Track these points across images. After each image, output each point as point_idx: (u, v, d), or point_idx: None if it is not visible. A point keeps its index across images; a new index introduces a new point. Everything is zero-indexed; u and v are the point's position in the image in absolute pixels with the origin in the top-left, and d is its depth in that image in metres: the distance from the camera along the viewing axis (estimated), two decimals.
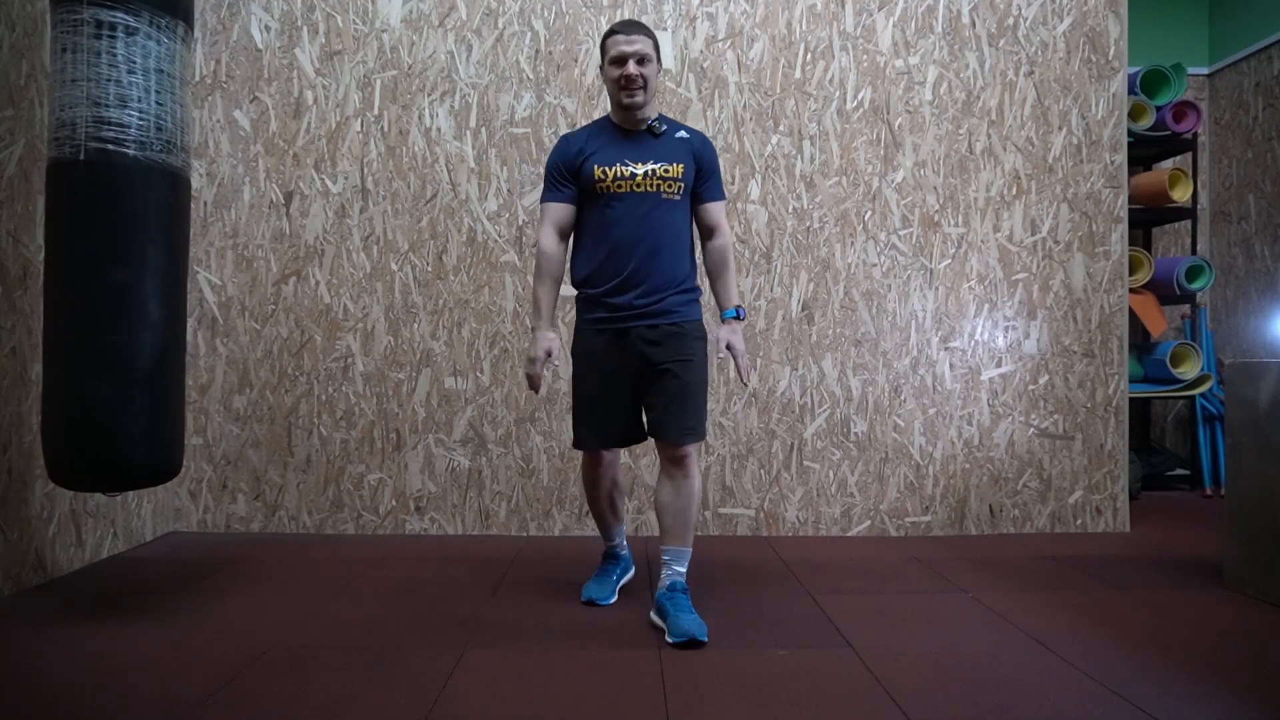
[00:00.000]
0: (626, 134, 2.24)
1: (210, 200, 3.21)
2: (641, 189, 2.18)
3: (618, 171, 2.17)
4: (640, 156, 2.19)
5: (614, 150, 2.20)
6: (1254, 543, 2.43)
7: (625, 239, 2.17)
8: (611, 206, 2.18)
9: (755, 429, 3.23)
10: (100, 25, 2.00)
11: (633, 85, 2.16)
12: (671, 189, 2.20)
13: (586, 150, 2.21)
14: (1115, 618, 2.23)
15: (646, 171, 2.18)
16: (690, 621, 2.04)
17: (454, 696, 1.72)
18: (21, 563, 2.42)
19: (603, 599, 2.34)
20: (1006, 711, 1.65)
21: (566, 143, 2.27)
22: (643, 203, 2.18)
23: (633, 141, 2.22)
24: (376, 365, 3.21)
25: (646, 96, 2.20)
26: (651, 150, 2.21)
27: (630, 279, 2.18)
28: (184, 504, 3.21)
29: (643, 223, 2.17)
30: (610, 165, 2.18)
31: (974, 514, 3.27)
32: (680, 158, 2.22)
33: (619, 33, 2.18)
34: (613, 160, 2.18)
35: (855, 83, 3.25)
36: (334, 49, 3.22)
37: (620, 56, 2.16)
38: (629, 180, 2.17)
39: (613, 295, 2.19)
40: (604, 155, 2.20)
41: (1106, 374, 3.30)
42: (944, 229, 3.26)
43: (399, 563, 2.79)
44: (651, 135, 2.23)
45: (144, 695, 1.71)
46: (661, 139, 2.23)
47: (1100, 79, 3.29)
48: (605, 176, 2.17)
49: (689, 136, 2.28)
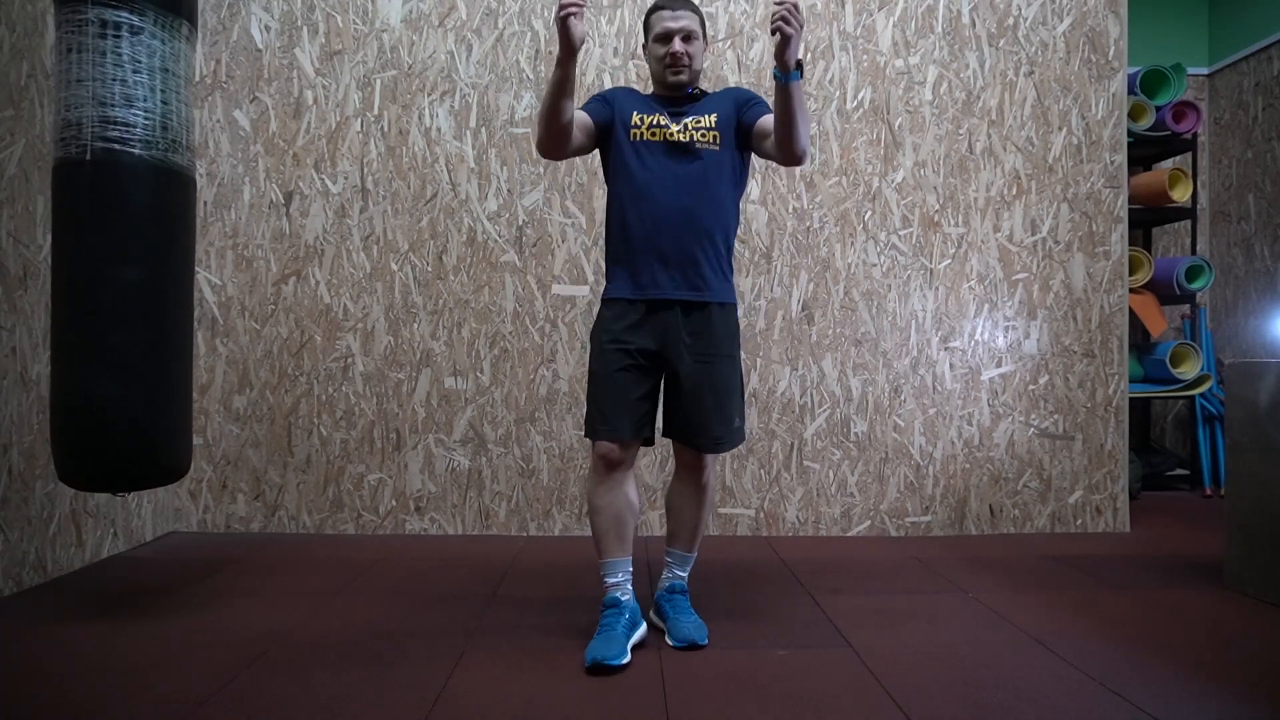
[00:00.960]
0: (667, 100, 2.12)
1: (210, 200, 3.21)
2: (674, 138, 2.04)
3: (655, 119, 2.05)
4: (677, 114, 2.08)
5: (652, 107, 2.10)
6: (1254, 543, 2.43)
7: (661, 196, 2.01)
8: (646, 161, 2.03)
9: (755, 429, 3.23)
10: (105, 25, 2.00)
11: (679, 63, 2.05)
12: (706, 138, 2.04)
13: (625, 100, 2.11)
14: (1115, 618, 2.23)
15: (684, 125, 2.05)
16: (691, 625, 2.02)
17: (454, 696, 1.72)
18: (21, 563, 2.42)
19: (613, 658, 1.84)
20: (1006, 711, 1.65)
21: (617, 88, 2.20)
22: (677, 151, 2.03)
23: (672, 102, 2.11)
24: (376, 365, 3.21)
25: (690, 75, 2.08)
26: (690, 109, 2.10)
27: (666, 243, 2.00)
28: (184, 504, 3.21)
29: (680, 177, 2.02)
30: (646, 114, 2.06)
31: (974, 514, 3.27)
32: (717, 107, 2.09)
33: (664, 7, 2.07)
34: (650, 111, 2.08)
35: (855, 83, 3.25)
36: (334, 49, 3.22)
37: (666, 33, 2.05)
38: (663, 129, 2.04)
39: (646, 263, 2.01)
40: (642, 107, 2.09)
41: (1106, 374, 3.30)
42: (944, 229, 3.26)
43: (399, 563, 2.79)
44: (692, 100, 2.12)
45: (144, 695, 1.71)
46: (700, 100, 2.12)
47: (1100, 79, 3.29)
48: (641, 123, 2.05)
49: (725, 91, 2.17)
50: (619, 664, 1.84)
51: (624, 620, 1.96)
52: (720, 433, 2.04)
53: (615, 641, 1.89)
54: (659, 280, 2.01)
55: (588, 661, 1.84)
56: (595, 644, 1.90)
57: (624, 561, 2.03)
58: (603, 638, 1.91)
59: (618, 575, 2.02)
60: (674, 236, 2.00)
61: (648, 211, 2.01)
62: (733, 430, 2.08)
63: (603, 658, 1.83)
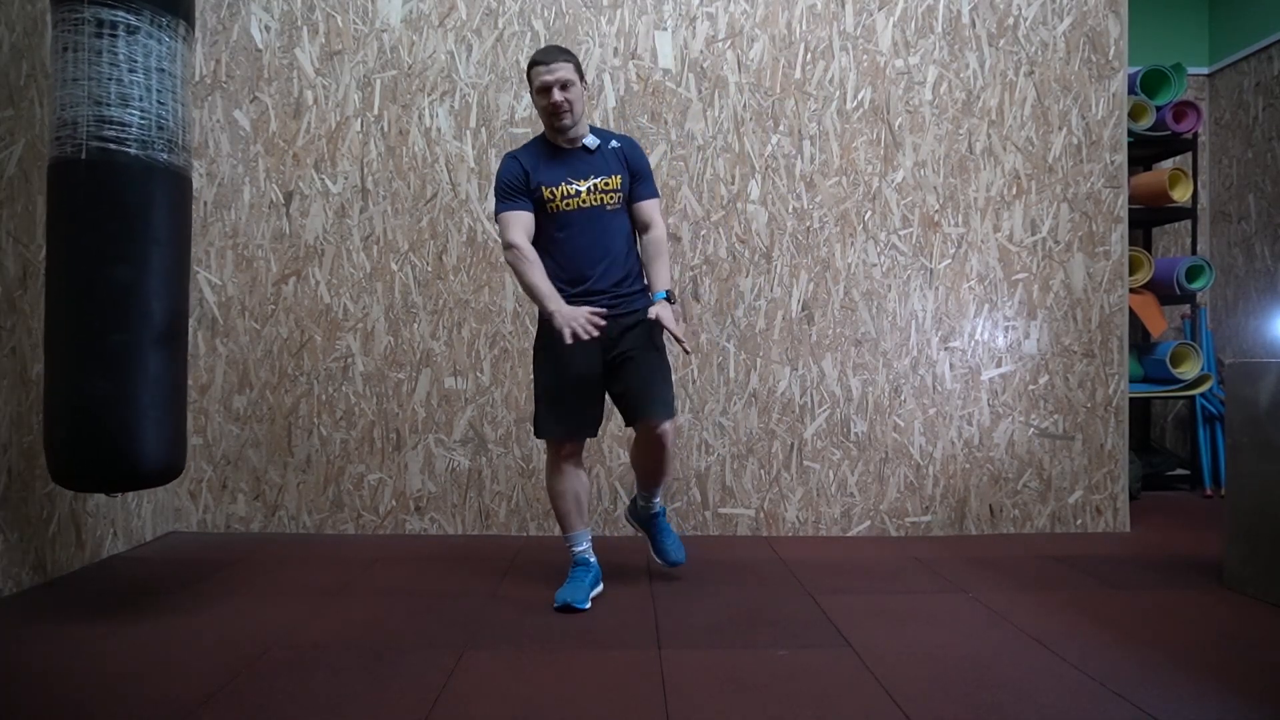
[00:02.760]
0: (564, 151, 2.39)
1: (210, 200, 3.21)
2: (587, 204, 2.35)
3: (565, 190, 2.34)
4: (581, 173, 2.36)
5: (556, 169, 2.36)
6: (1254, 543, 2.43)
7: (582, 250, 2.36)
8: (562, 223, 2.36)
9: (755, 429, 3.23)
10: (101, 24, 2.00)
11: (560, 111, 2.31)
12: (613, 200, 2.39)
13: (530, 169, 2.36)
14: (1115, 618, 2.23)
15: (589, 187, 2.36)
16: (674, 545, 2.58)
17: (454, 696, 1.72)
18: (21, 563, 2.42)
19: (579, 601, 2.28)
20: (1006, 711, 1.65)
21: (514, 161, 2.39)
22: (591, 216, 2.36)
23: (571, 159, 2.38)
24: (376, 365, 3.21)
25: (574, 118, 2.34)
26: (590, 165, 2.38)
27: (594, 284, 2.36)
28: (184, 504, 3.21)
29: (595, 233, 2.36)
30: (556, 185, 2.34)
31: (974, 514, 3.27)
32: (615, 169, 2.40)
33: (539, 63, 2.32)
34: (557, 180, 2.35)
35: (855, 83, 3.25)
36: (334, 49, 3.22)
37: (544, 86, 2.30)
38: (575, 198, 2.35)
39: (579, 298, 2.33)
40: (548, 174, 2.35)
41: (1106, 374, 3.30)
42: (944, 229, 3.26)
43: (399, 563, 2.79)
44: (586, 151, 2.39)
45: (144, 695, 1.71)
46: (596, 153, 2.40)
47: (1100, 79, 3.29)
48: (554, 196, 2.34)
49: (619, 145, 2.44)
50: (583, 607, 2.28)
51: (590, 576, 2.39)
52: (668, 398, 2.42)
53: (582, 590, 2.32)
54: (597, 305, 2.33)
55: (558, 602, 2.27)
56: (566, 589, 2.32)
57: (587, 531, 2.46)
58: (572, 585, 2.34)
59: (583, 544, 2.44)
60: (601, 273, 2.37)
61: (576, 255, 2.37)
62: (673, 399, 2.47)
63: (572, 600, 2.27)
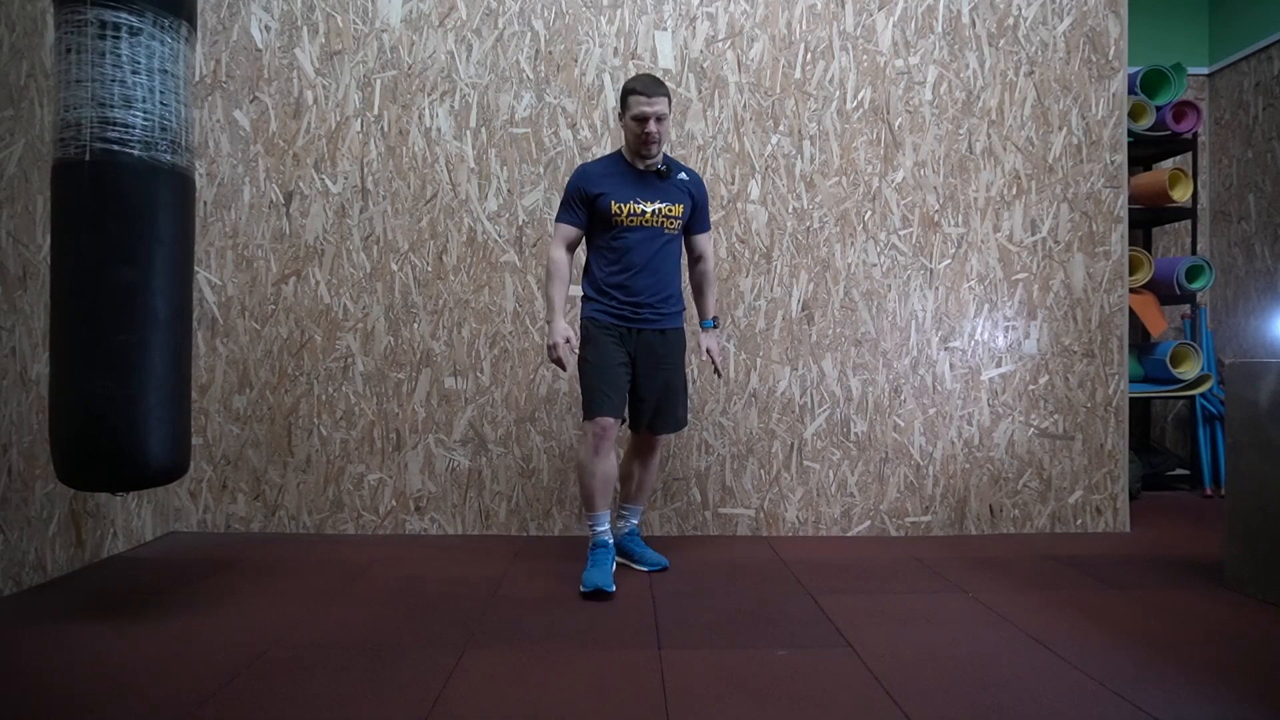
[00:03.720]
0: (639, 173, 2.59)
1: (210, 200, 3.21)
2: (650, 224, 2.57)
3: (631, 208, 2.55)
4: (650, 196, 2.58)
5: (628, 188, 2.57)
6: (1254, 543, 2.43)
7: (637, 262, 2.57)
8: (625, 236, 2.57)
9: (755, 429, 3.23)
10: (104, 26, 2.00)
11: (650, 142, 2.52)
12: (673, 226, 2.62)
13: (603, 186, 2.55)
14: (1115, 618, 2.23)
15: (655, 210, 2.57)
16: (654, 554, 2.72)
17: (454, 696, 1.72)
18: (21, 563, 2.42)
19: (609, 586, 2.42)
20: (1006, 711, 1.65)
21: (584, 175, 2.60)
22: (650, 234, 2.58)
23: (644, 181, 2.59)
24: (376, 365, 3.21)
25: (660, 149, 2.57)
26: (659, 191, 2.59)
27: (642, 294, 2.58)
28: (184, 504, 3.21)
29: (651, 251, 2.58)
30: (625, 202, 2.55)
31: (974, 514, 3.27)
32: (681, 199, 2.62)
33: (640, 93, 2.48)
34: (627, 197, 2.56)
35: (855, 83, 3.25)
36: (334, 49, 3.22)
37: (641, 116, 2.49)
38: (640, 216, 2.56)
39: (624, 308, 2.57)
40: (620, 192, 2.56)
41: (1106, 374, 3.30)
42: (944, 229, 3.26)
43: (399, 563, 2.79)
44: (659, 178, 2.60)
45: (144, 695, 1.71)
46: (667, 180, 2.61)
47: (1100, 79, 3.29)
48: (621, 211, 2.54)
49: (688, 179, 2.66)
50: (612, 590, 2.42)
51: (610, 556, 2.55)
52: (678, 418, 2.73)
53: (606, 573, 2.46)
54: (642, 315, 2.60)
55: (588, 587, 2.40)
56: (593, 574, 2.44)
57: (608, 512, 2.62)
58: (599, 570, 2.47)
59: (605, 524, 2.60)
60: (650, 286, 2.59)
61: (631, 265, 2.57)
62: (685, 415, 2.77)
63: (602, 584, 2.40)
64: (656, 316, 2.62)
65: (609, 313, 2.58)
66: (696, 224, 2.71)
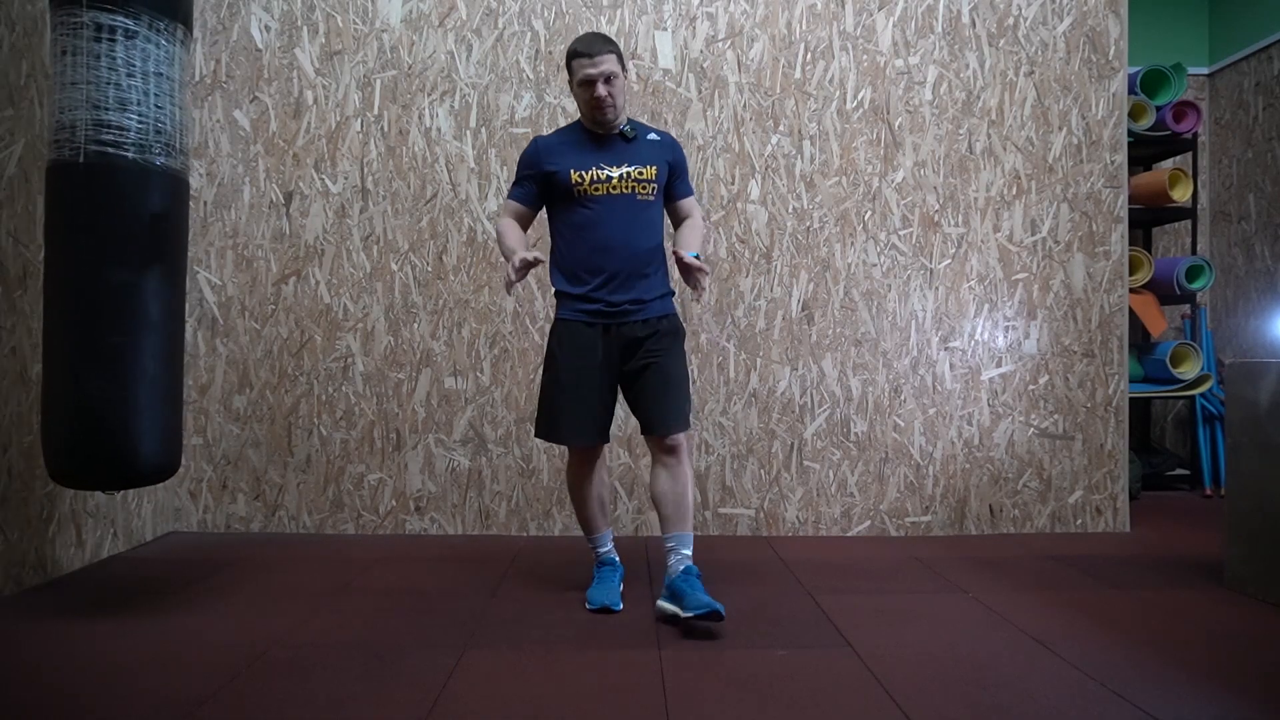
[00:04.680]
0: (600, 138, 2.30)
1: (210, 200, 3.21)
2: (618, 191, 2.25)
3: (595, 175, 2.24)
4: (614, 160, 2.26)
5: (589, 154, 2.27)
6: (1254, 543, 2.43)
7: (607, 239, 2.24)
8: (590, 208, 2.25)
9: (755, 429, 3.23)
10: (100, 28, 2.00)
11: (604, 105, 2.22)
12: (646, 190, 2.28)
13: (560, 157, 2.27)
14: (1115, 618, 2.23)
15: (622, 174, 2.25)
16: (707, 597, 2.09)
17: (454, 696, 1.72)
18: (21, 563, 2.42)
19: (615, 604, 2.28)
20: (1006, 711, 1.65)
21: (537, 148, 2.32)
22: (620, 204, 2.25)
23: (606, 146, 2.29)
24: (376, 365, 3.21)
25: (616, 112, 2.26)
26: (625, 153, 2.28)
27: (614, 277, 2.24)
28: (184, 504, 3.21)
29: (622, 224, 2.25)
30: (586, 169, 2.24)
31: (974, 514, 3.27)
32: (653, 160, 2.30)
33: (582, 54, 2.21)
34: (588, 164, 2.25)
35: (855, 83, 3.25)
36: (334, 49, 3.22)
37: (587, 80, 2.21)
38: (605, 183, 2.24)
39: (598, 292, 2.25)
40: (579, 159, 2.26)
41: (1106, 374, 3.30)
42: (944, 229, 3.26)
43: (399, 563, 2.79)
44: (624, 140, 2.30)
45: (144, 694, 1.71)
46: (634, 142, 2.30)
47: (1100, 79, 3.29)
48: (583, 180, 2.23)
49: (659, 139, 2.35)
50: (618, 608, 2.27)
51: (617, 575, 2.41)
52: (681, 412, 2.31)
53: (614, 591, 2.32)
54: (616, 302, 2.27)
55: (594, 605, 2.25)
56: (598, 591, 2.30)
57: (609, 532, 2.48)
58: (604, 587, 2.33)
59: (608, 544, 2.46)
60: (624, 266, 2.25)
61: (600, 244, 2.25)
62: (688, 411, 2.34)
63: (609, 602, 2.26)
64: (636, 306, 2.26)
65: (582, 310, 2.26)
66: (678, 188, 2.39)
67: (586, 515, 2.41)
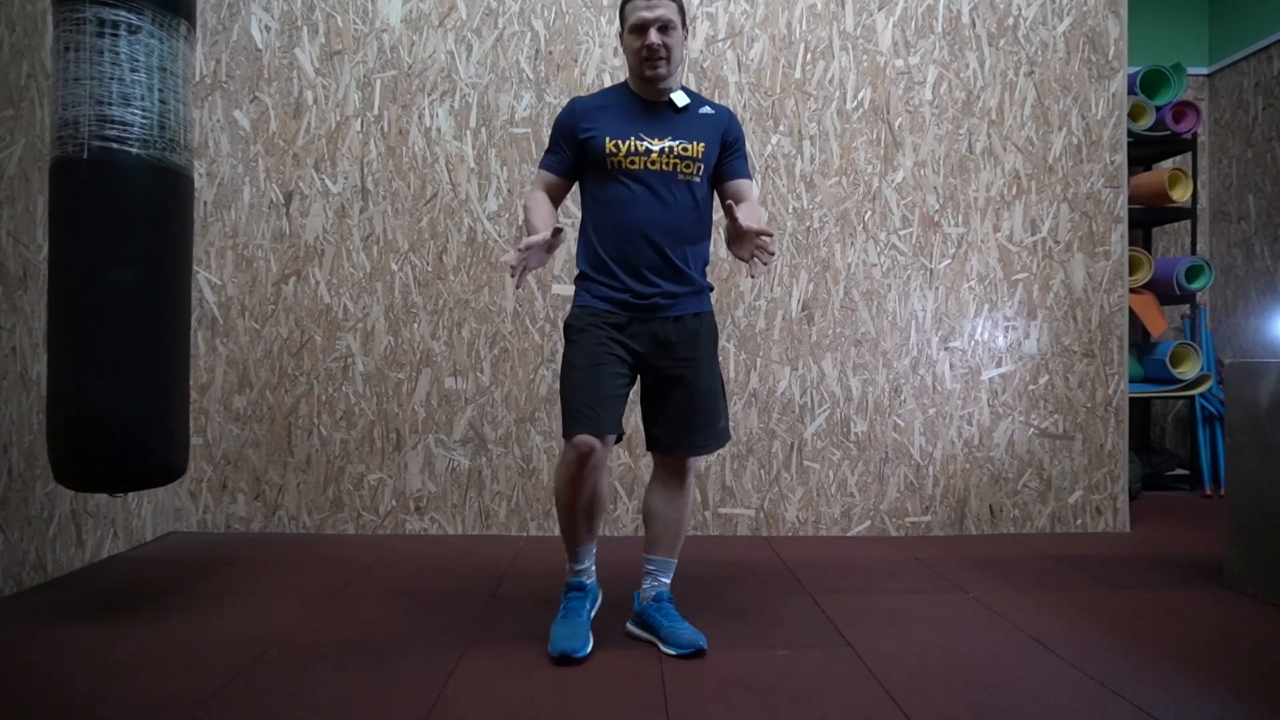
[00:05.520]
0: (646, 105, 2.02)
1: (210, 200, 3.21)
2: (656, 167, 1.97)
3: (631, 146, 1.96)
4: (658, 131, 1.99)
5: (629, 122, 1.99)
6: (1254, 543, 2.43)
7: (639, 221, 1.96)
8: (624, 185, 1.97)
9: (755, 429, 3.23)
10: (103, 24, 2.00)
11: (655, 56, 1.94)
12: (689, 170, 2.00)
13: (597, 121, 1.99)
14: (1115, 618, 2.23)
15: (663, 149, 1.97)
16: (689, 630, 1.97)
17: (454, 696, 1.72)
18: (21, 563, 2.42)
19: (580, 649, 1.90)
20: (1006, 711, 1.65)
21: (574, 109, 2.05)
22: (658, 182, 1.97)
23: (652, 115, 2.01)
24: (376, 365, 3.21)
25: (670, 68, 1.98)
26: (671, 125, 2.00)
27: (645, 265, 1.97)
28: (184, 504, 3.21)
29: (657, 204, 1.97)
30: (624, 139, 1.97)
31: (974, 514, 3.27)
32: (701, 136, 2.01)
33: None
34: (627, 133, 1.97)
35: (855, 83, 3.25)
36: (334, 49, 3.22)
37: (640, 24, 1.94)
38: (643, 157, 1.96)
39: (625, 280, 1.98)
40: (618, 127, 1.98)
41: (1106, 374, 3.30)
42: (944, 229, 3.26)
43: (399, 563, 2.79)
44: (673, 109, 2.02)
45: (144, 695, 1.71)
46: (684, 114, 2.03)
47: (1100, 79, 3.29)
48: (617, 150, 1.96)
49: (714, 113, 2.07)
50: (584, 655, 1.90)
51: (587, 604, 2.07)
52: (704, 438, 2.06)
53: (582, 630, 1.97)
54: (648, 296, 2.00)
55: (555, 652, 1.88)
56: (563, 631, 1.94)
57: (592, 547, 2.13)
58: (571, 625, 1.97)
59: (587, 561, 2.11)
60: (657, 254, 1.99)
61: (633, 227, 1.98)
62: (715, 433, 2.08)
63: (573, 649, 1.89)
64: (668, 301, 1.99)
65: (607, 299, 1.98)
66: (736, 167, 2.07)
67: (573, 524, 2.05)
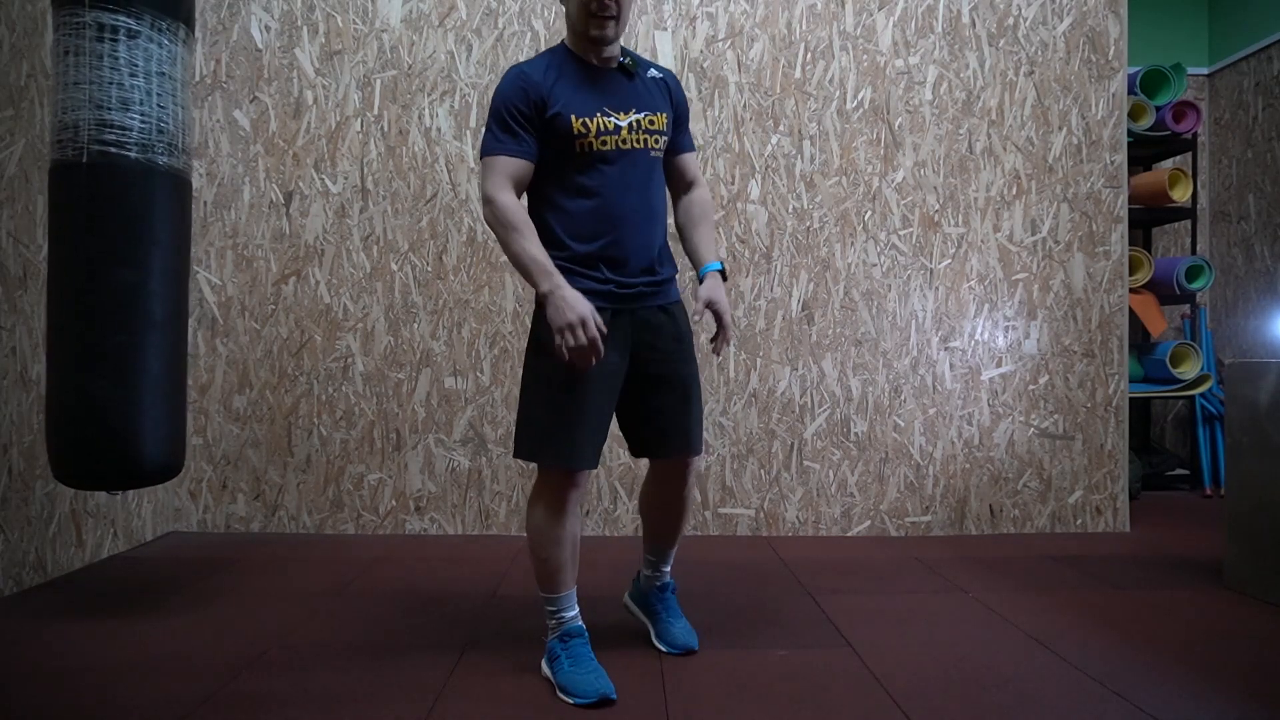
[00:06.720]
0: (595, 72, 1.77)
1: (210, 200, 3.21)
2: (628, 145, 1.74)
3: (601, 124, 1.72)
4: (620, 104, 1.76)
5: (588, 95, 1.74)
6: (1254, 543, 2.43)
7: (620, 209, 1.75)
8: (597, 168, 1.73)
9: (755, 429, 3.23)
10: (102, 28, 2.00)
11: (605, 13, 1.69)
12: (659, 145, 1.80)
13: (553, 93, 1.71)
14: (1115, 618, 2.23)
15: (631, 123, 1.75)
16: (683, 630, 1.98)
17: (454, 696, 1.72)
18: (21, 563, 2.42)
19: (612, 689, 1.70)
20: (1006, 711, 1.65)
21: (523, 77, 1.71)
22: (631, 162, 1.76)
23: (606, 83, 1.77)
24: (376, 365, 3.21)
25: (619, 29, 1.73)
26: (631, 95, 1.78)
27: (629, 254, 1.77)
28: (184, 504, 3.21)
29: (635, 187, 1.76)
30: (590, 116, 1.72)
31: (974, 514, 3.27)
32: (661, 105, 1.82)
33: None
34: (591, 109, 1.72)
35: (855, 83, 3.25)
36: (334, 49, 3.22)
37: None
38: (613, 135, 1.73)
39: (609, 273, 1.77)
40: (577, 100, 1.72)
41: (1106, 374, 3.30)
42: (944, 229, 3.26)
43: (399, 563, 2.79)
44: (625, 75, 1.79)
45: (144, 695, 1.71)
46: (636, 80, 1.81)
47: (1100, 79, 3.29)
48: (587, 131, 1.71)
49: (662, 76, 1.87)
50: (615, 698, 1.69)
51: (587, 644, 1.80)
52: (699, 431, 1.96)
53: (600, 670, 1.74)
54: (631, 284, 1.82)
55: (591, 697, 1.66)
56: (581, 675, 1.71)
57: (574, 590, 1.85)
58: (585, 669, 1.73)
59: (575, 607, 1.84)
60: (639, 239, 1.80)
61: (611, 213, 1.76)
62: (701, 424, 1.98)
63: (606, 691, 1.68)
64: (652, 288, 1.81)
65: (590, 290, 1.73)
66: (680, 139, 1.90)
67: (557, 565, 1.78)
